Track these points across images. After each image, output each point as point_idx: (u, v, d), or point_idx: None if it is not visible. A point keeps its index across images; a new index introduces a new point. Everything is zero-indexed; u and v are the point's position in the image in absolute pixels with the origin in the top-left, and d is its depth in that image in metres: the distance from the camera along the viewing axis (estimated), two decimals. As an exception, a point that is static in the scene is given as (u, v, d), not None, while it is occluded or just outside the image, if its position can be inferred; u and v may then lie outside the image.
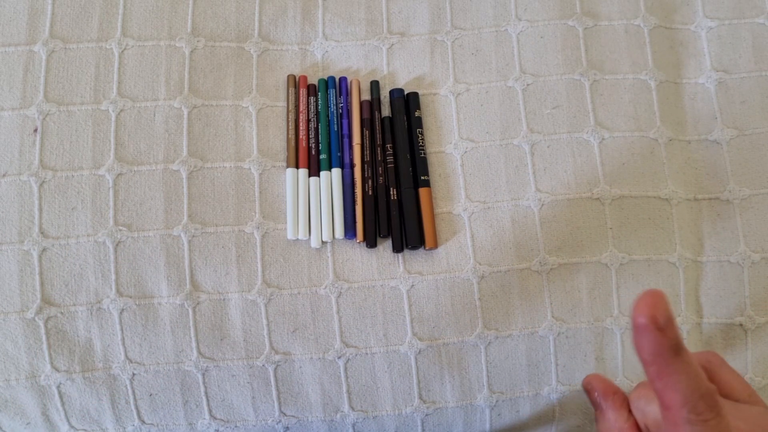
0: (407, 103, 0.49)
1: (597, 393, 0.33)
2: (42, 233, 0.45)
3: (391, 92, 0.49)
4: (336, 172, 0.47)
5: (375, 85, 0.50)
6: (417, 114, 0.49)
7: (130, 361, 0.44)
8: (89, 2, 0.49)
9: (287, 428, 0.46)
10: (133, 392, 0.44)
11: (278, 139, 0.48)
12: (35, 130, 0.46)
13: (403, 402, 0.46)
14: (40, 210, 0.45)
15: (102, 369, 0.44)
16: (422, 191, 0.47)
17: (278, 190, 0.47)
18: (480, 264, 0.47)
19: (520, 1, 0.51)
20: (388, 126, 0.49)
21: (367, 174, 0.47)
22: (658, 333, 0.24)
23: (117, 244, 0.45)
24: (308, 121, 0.49)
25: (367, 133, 0.48)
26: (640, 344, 0.24)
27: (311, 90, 0.49)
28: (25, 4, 0.48)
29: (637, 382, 0.42)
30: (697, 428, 0.25)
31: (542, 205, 0.47)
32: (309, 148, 0.48)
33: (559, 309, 0.46)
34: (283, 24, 0.51)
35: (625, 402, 0.32)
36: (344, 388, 0.46)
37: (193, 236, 0.46)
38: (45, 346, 0.44)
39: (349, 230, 0.46)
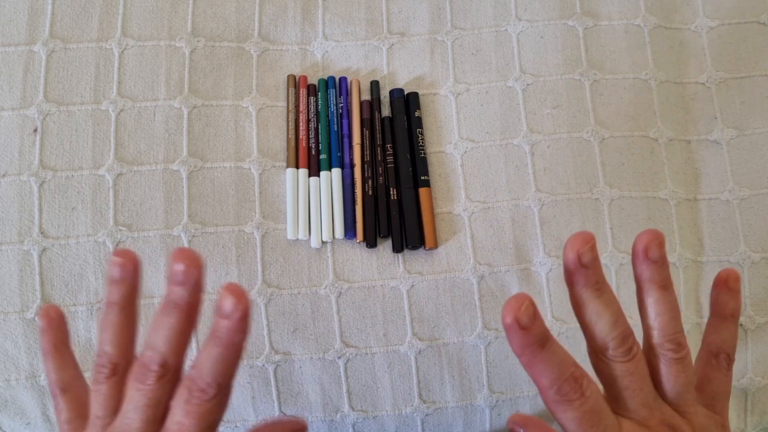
0: (407, 103, 0.49)
1: (519, 427, 0.36)
2: (42, 233, 0.45)
3: (391, 92, 0.49)
4: (336, 172, 0.47)
5: (375, 85, 0.50)
6: (417, 114, 0.49)
7: (130, 361, 0.44)
8: (89, 2, 0.49)
9: (287, 428, 0.46)
10: (133, 392, 0.44)
11: (278, 139, 0.49)
12: (35, 130, 0.46)
13: (403, 402, 0.46)
14: (40, 210, 0.45)
15: (102, 369, 0.44)
16: (422, 191, 0.47)
17: (278, 190, 0.47)
18: (480, 264, 0.47)
19: (520, 1, 0.51)
20: (388, 126, 0.49)
21: (367, 174, 0.47)
22: (522, 331, 0.27)
23: (117, 245, 0.45)
24: (308, 121, 0.49)
25: (367, 133, 0.48)
26: (510, 341, 0.28)
27: (311, 90, 0.49)
28: (25, 4, 0.48)
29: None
30: (564, 407, 0.28)
31: (542, 205, 0.47)
32: (309, 148, 0.48)
33: (559, 309, 0.46)
34: (283, 24, 0.51)
35: (545, 426, 0.35)
36: (344, 388, 0.46)
37: (193, 236, 0.46)
38: (45, 346, 0.44)
39: (349, 230, 0.46)
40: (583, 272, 0.29)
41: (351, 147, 0.48)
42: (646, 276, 0.30)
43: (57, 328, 0.33)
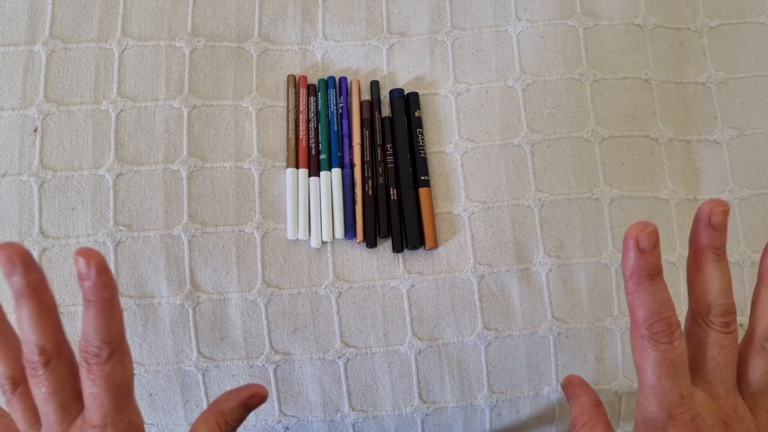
0: (407, 103, 0.49)
1: (572, 386, 0.37)
2: (42, 233, 0.45)
3: (391, 92, 0.49)
4: (336, 172, 0.47)
5: (375, 85, 0.50)
6: (417, 114, 0.49)
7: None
8: (89, 2, 0.49)
9: (287, 428, 0.46)
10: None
11: (278, 139, 0.49)
12: (35, 130, 0.46)
13: (403, 402, 0.46)
14: (40, 210, 0.45)
15: (102, 369, 0.44)
16: (422, 191, 0.47)
17: (278, 190, 0.47)
18: (480, 264, 0.47)
19: (520, 1, 0.51)
20: (388, 126, 0.49)
21: (367, 174, 0.47)
22: (639, 253, 0.28)
23: (117, 244, 0.45)
24: (308, 121, 0.49)
25: (367, 133, 0.48)
26: (624, 261, 0.28)
27: (311, 90, 0.49)
28: (25, 4, 0.48)
29: (637, 383, 0.42)
30: (649, 348, 0.28)
31: (542, 205, 0.47)
32: (309, 148, 0.48)
33: (559, 309, 0.46)
34: (283, 24, 0.51)
35: (596, 394, 0.36)
36: (344, 388, 0.46)
37: (193, 236, 0.46)
38: (45, 346, 0.44)
39: (349, 230, 0.46)
40: (709, 231, 0.29)
41: (351, 147, 0.48)
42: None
43: None
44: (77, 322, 0.44)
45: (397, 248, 0.46)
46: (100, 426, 0.28)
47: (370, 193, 0.47)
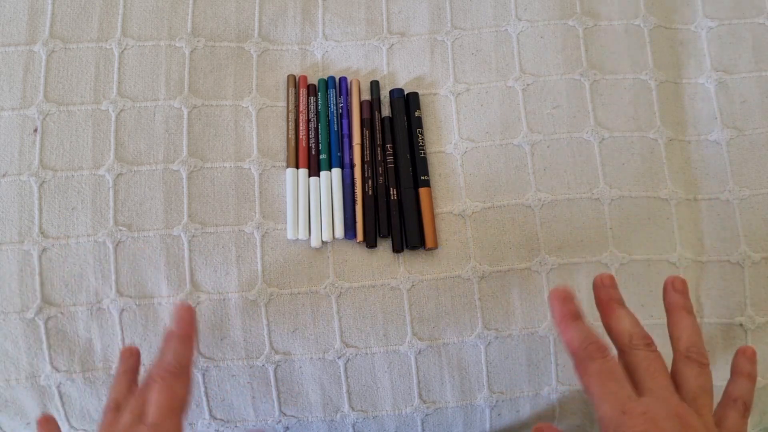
0: (407, 103, 0.49)
1: None
2: (42, 233, 0.45)
3: (391, 92, 0.49)
4: (336, 172, 0.47)
5: (375, 85, 0.50)
6: (417, 114, 0.49)
7: (130, 361, 0.44)
8: (89, 2, 0.49)
9: (287, 428, 0.46)
10: (133, 392, 0.44)
11: (278, 139, 0.49)
12: (35, 130, 0.46)
13: (403, 402, 0.46)
14: (40, 210, 0.45)
15: (102, 369, 0.44)
16: (422, 191, 0.47)
17: (278, 190, 0.47)
18: (480, 264, 0.47)
19: (520, 1, 0.51)
20: (388, 126, 0.49)
21: (367, 174, 0.47)
22: (562, 303, 0.37)
23: (117, 244, 0.45)
24: (308, 121, 0.49)
25: (367, 133, 0.48)
26: (552, 311, 0.37)
27: (311, 90, 0.49)
28: (25, 4, 0.49)
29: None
30: (589, 362, 0.34)
31: (542, 205, 0.47)
32: (309, 148, 0.48)
33: (559, 309, 0.46)
34: (283, 24, 0.51)
35: None
36: (344, 388, 0.46)
37: (193, 236, 0.46)
38: (45, 346, 0.44)
39: (349, 230, 0.46)
40: (606, 290, 0.38)
41: (351, 147, 0.48)
42: (675, 302, 0.38)
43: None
44: (76, 322, 0.44)
45: (397, 248, 0.46)
46: (151, 424, 0.34)
47: (370, 193, 0.47)
